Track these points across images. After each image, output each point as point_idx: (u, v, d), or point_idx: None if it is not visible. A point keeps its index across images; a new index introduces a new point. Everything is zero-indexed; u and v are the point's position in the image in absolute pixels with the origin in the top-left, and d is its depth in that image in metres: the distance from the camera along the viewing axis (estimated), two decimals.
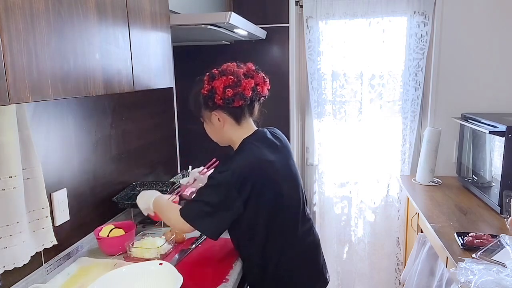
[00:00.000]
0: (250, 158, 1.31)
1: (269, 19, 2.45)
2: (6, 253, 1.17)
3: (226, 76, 1.31)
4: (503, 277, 1.27)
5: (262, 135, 1.42)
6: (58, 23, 0.89)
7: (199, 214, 1.30)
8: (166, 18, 1.47)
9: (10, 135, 1.15)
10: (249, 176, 1.27)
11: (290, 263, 1.41)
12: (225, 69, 1.35)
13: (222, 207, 1.28)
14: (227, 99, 1.30)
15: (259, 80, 1.36)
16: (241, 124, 1.39)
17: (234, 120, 1.38)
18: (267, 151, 1.36)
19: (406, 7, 2.38)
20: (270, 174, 1.32)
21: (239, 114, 1.37)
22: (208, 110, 1.38)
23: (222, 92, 1.29)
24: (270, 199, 1.33)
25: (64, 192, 1.49)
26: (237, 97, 1.30)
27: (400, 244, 2.65)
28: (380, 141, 2.59)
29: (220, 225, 1.31)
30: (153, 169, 2.26)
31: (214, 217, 1.28)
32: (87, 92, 1.00)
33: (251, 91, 1.32)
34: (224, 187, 1.26)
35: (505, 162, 1.86)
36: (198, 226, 1.30)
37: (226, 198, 1.27)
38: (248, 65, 1.40)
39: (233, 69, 1.34)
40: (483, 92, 2.43)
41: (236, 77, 1.31)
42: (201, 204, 1.30)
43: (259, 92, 1.35)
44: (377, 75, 2.51)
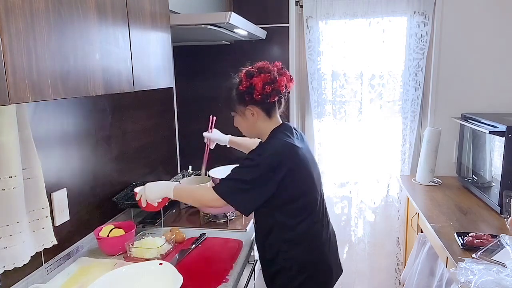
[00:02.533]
0: (283, 143, 1.41)
1: (269, 19, 2.45)
2: (6, 253, 1.17)
3: (264, 74, 1.42)
4: (503, 277, 1.27)
5: (289, 126, 1.53)
6: (58, 23, 0.89)
7: (233, 190, 1.38)
8: (166, 18, 1.47)
9: (10, 135, 1.15)
10: (283, 159, 1.36)
11: (321, 246, 1.49)
12: (262, 67, 1.46)
13: (256, 185, 1.36)
14: (265, 94, 1.40)
15: (287, 77, 1.46)
16: (271, 117, 1.49)
17: (266, 114, 1.48)
18: (294, 139, 1.46)
19: (406, 7, 2.38)
20: (302, 158, 1.42)
21: (271, 108, 1.48)
22: (243, 105, 1.47)
23: (261, 88, 1.40)
24: (304, 180, 1.43)
25: (64, 192, 1.49)
26: (274, 93, 1.41)
27: (400, 244, 2.65)
28: (380, 141, 2.59)
29: (253, 201, 1.39)
30: (153, 169, 2.25)
31: (247, 194, 1.37)
32: (87, 92, 1.00)
33: (284, 87, 1.44)
34: (260, 168, 1.35)
35: (505, 162, 1.86)
36: (232, 201, 1.38)
37: (261, 177, 1.35)
38: (276, 63, 1.50)
39: (269, 67, 1.46)
40: (483, 92, 2.43)
41: (272, 75, 1.42)
42: (236, 182, 1.38)
43: (288, 88, 1.48)
44: (377, 75, 2.51)
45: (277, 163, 1.35)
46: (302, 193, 1.43)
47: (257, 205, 1.40)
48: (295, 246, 1.45)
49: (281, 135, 1.45)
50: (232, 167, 2.49)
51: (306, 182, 1.44)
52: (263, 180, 1.36)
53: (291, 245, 1.45)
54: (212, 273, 1.41)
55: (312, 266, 1.47)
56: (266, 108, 1.46)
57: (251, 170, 1.37)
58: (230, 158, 2.63)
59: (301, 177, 1.42)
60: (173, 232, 1.65)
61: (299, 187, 1.42)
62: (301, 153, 1.42)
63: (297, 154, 1.40)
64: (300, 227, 1.44)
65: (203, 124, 2.64)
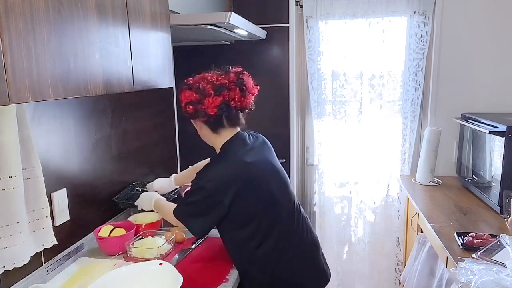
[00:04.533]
0: (230, 164, 1.35)
1: (269, 19, 2.45)
2: (6, 253, 1.17)
3: (191, 91, 1.32)
4: (503, 277, 1.27)
5: (241, 138, 1.43)
6: (58, 23, 0.89)
7: (186, 214, 1.38)
8: (166, 18, 1.47)
9: (10, 135, 1.15)
10: (230, 181, 1.31)
11: (289, 263, 1.42)
12: (195, 81, 1.35)
13: (205, 208, 1.34)
14: (188, 114, 1.36)
15: (234, 95, 1.33)
16: (218, 133, 1.41)
17: (210, 129, 1.40)
18: (246, 153, 1.38)
19: (406, 7, 2.38)
20: (253, 175, 1.35)
21: (214, 125, 1.38)
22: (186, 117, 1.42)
23: (184, 107, 1.35)
24: (259, 198, 1.36)
25: (64, 192, 1.49)
26: (199, 114, 1.33)
27: (400, 244, 2.65)
28: (380, 141, 2.59)
29: (204, 224, 1.36)
30: (153, 169, 2.25)
31: (198, 217, 1.35)
32: (87, 92, 1.00)
33: (216, 109, 1.31)
34: (206, 192, 1.31)
35: (505, 162, 1.86)
36: (186, 224, 1.38)
37: (208, 200, 1.32)
38: (231, 75, 1.35)
39: (203, 83, 1.32)
40: (483, 92, 2.43)
41: (200, 94, 1.31)
42: (187, 206, 1.39)
43: (234, 107, 1.35)
44: (377, 75, 2.51)
45: (223, 188, 1.30)
46: (257, 213, 1.36)
47: (210, 228, 1.37)
48: (259, 267, 1.40)
49: (229, 153, 1.38)
50: None
51: (261, 201, 1.36)
52: (211, 203, 1.32)
53: (254, 265, 1.40)
54: (212, 273, 1.41)
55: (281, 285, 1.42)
56: (208, 123, 1.38)
57: (198, 193, 1.33)
58: None
59: (254, 197, 1.34)
60: (173, 232, 1.65)
61: (253, 207, 1.35)
62: (253, 169, 1.35)
63: (247, 173, 1.33)
64: (261, 247, 1.37)
65: None
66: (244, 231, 1.38)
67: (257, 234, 1.38)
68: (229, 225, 1.39)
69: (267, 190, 1.38)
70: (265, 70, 2.52)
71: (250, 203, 1.35)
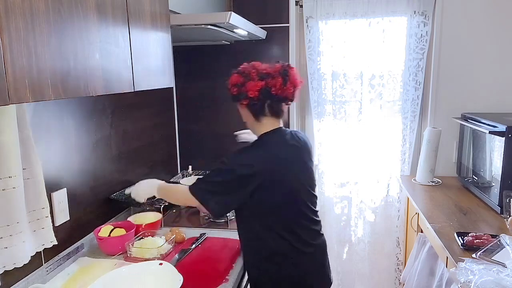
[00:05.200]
0: (263, 153, 1.37)
1: (269, 19, 2.45)
2: (6, 253, 1.17)
3: (238, 75, 1.40)
4: (503, 277, 1.27)
5: (282, 133, 1.45)
6: (58, 23, 0.89)
7: (205, 191, 1.36)
8: (166, 18, 1.47)
9: (10, 135, 1.15)
10: (258, 170, 1.32)
11: (301, 263, 1.42)
12: (244, 67, 1.43)
13: (227, 189, 1.34)
14: (234, 96, 1.42)
15: (276, 83, 1.37)
16: (260, 120, 1.43)
17: (252, 116, 1.43)
18: (282, 148, 1.40)
19: (406, 7, 2.38)
20: (281, 170, 1.37)
21: (255, 111, 1.42)
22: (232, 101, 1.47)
23: (230, 89, 1.42)
24: (282, 194, 1.37)
25: (64, 192, 1.49)
26: (242, 96, 1.38)
27: (400, 244, 2.65)
28: (380, 141, 2.59)
29: (223, 205, 1.36)
30: (153, 169, 2.25)
31: (217, 196, 1.34)
32: (87, 92, 1.00)
33: (257, 92, 1.36)
34: (233, 173, 1.32)
35: (505, 162, 1.86)
36: (203, 201, 1.36)
37: (232, 183, 1.33)
38: (277, 65, 1.43)
39: (249, 69, 1.41)
40: (483, 92, 2.43)
41: (245, 78, 1.38)
42: (208, 183, 1.37)
43: (274, 94, 1.38)
44: (377, 75, 2.51)
45: (249, 175, 1.31)
46: (278, 207, 1.37)
47: (227, 210, 1.39)
48: (271, 260, 1.40)
49: (266, 143, 1.41)
50: None
51: (284, 196, 1.37)
52: (235, 186, 1.33)
53: (267, 258, 1.41)
54: (212, 273, 1.41)
55: (288, 284, 1.41)
56: (251, 109, 1.42)
57: (224, 174, 1.35)
58: None
59: (278, 191, 1.35)
60: (173, 232, 1.65)
61: (275, 201, 1.36)
62: (283, 164, 1.37)
63: (276, 167, 1.35)
64: (276, 242, 1.39)
65: (203, 124, 2.65)
66: (261, 223, 1.39)
67: (274, 228, 1.38)
68: (247, 213, 1.40)
69: (292, 188, 1.39)
70: None
71: (273, 196, 1.35)
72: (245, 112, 1.45)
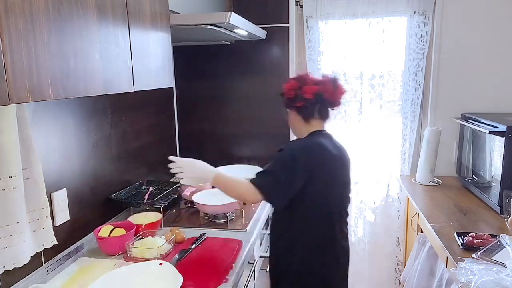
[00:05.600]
0: (315, 145, 1.48)
1: (269, 19, 2.45)
2: (6, 253, 1.17)
3: (294, 81, 1.56)
4: (503, 277, 1.27)
5: (329, 134, 1.59)
6: (58, 22, 0.89)
7: (270, 183, 1.41)
8: (166, 18, 1.47)
9: (10, 135, 1.15)
10: (309, 157, 1.43)
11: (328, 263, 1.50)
12: (299, 75, 1.59)
13: (290, 177, 1.40)
14: (289, 98, 1.55)
15: (328, 89, 1.51)
16: (309, 122, 1.56)
17: (302, 119, 1.56)
18: (330, 145, 1.51)
19: (406, 7, 2.38)
20: (328, 164, 1.47)
21: (306, 114, 1.55)
22: (285, 107, 1.62)
23: (286, 93, 1.55)
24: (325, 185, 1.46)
25: (64, 192, 1.49)
26: (298, 98, 1.52)
27: (400, 244, 2.65)
28: (380, 141, 2.59)
29: (283, 194, 1.42)
30: (153, 169, 2.25)
31: (279, 185, 1.40)
32: (87, 92, 1.00)
33: (312, 95, 1.49)
34: (292, 163, 1.40)
35: (505, 162, 1.86)
36: (269, 196, 1.42)
37: (292, 173, 1.40)
38: (328, 76, 1.57)
39: (305, 76, 1.57)
40: (483, 92, 2.43)
41: (301, 83, 1.53)
42: (272, 174, 1.42)
43: (326, 98, 1.51)
44: (377, 75, 2.51)
45: (303, 159, 1.41)
46: (322, 197, 1.45)
47: (287, 199, 1.43)
48: (300, 252, 1.47)
49: (317, 137, 1.52)
50: (230, 167, 2.51)
51: (328, 187, 1.46)
52: (291, 172, 1.40)
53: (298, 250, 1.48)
54: (212, 273, 1.41)
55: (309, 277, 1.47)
56: (301, 112, 1.55)
57: (285, 160, 1.43)
58: (231, 158, 2.64)
59: (324, 180, 1.44)
60: (173, 232, 1.65)
61: (320, 190, 1.44)
62: (330, 157, 1.47)
63: (324, 157, 1.45)
64: (314, 235, 1.47)
65: (203, 124, 2.65)
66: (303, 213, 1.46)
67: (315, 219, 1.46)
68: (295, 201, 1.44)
69: (334, 183, 1.49)
70: (265, 70, 2.52)
71: (317, 187, 1.43)
72: (295, 115, 1.57)
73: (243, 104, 2.59)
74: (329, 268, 1.50)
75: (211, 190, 2.07)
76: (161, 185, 2.04)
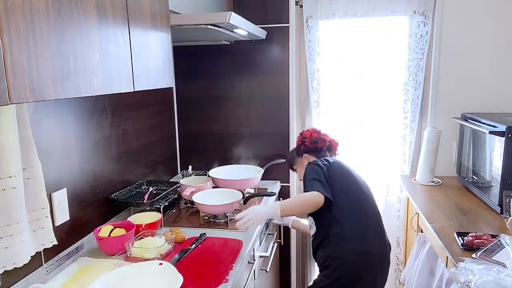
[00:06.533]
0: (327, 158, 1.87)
1: (269, 19, 2.45)
2: (6, 253, 1.17)
3: (312, 129, 2.01)
4: (503, 277, 1.27)
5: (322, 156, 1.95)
6: (58, 22, 0.89)
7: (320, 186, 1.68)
8: (166, 18, 1.47)
9: (10, 135, 1.15)
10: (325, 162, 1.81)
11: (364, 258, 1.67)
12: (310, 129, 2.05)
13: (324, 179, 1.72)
14: (313, 140, 1.94)
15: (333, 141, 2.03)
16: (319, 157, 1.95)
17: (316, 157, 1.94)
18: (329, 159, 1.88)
19: (406, 7, 2.38)
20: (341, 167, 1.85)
21: (320, 151, 1.96)
22: (300, 156, 2.00)
23: (309, 136, 1.96)
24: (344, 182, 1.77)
25: (64, 192, 1.49)
26: (320, 140, 1.95)
27: (400, 244, 2.65)
28: (380, 141, 2.59)
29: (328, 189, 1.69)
30: (153, 169, 2.26)
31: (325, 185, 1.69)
32: (87, 92, 1.00)
33: (328, 141, 1.98)
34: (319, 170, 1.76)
35: (505, 162, 1.86)
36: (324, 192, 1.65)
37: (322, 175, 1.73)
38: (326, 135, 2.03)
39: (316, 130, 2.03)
40: (483, 92, 2.43)
41: (317, 133, 1.99)
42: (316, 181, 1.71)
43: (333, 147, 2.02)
44: (377, 75, 2.51)
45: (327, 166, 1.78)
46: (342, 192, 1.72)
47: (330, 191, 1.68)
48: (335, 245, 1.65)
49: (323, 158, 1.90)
50: (230, 167, 2.51)
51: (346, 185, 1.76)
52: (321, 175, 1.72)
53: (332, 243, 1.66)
54: (212, 273, 1.41)
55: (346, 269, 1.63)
56: (317, 152, 1.95)
57: (312, 173, 1.75)
58: (230, 158, 2.64)
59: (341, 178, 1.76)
60: (173, 232, 1.65)
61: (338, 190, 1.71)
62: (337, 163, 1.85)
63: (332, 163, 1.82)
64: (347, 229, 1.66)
65: (203, 124, 2.65)
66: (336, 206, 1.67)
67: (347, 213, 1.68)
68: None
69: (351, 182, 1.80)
70: (265, 70, 2.52)
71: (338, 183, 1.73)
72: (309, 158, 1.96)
73: (243, 104, 2.59)
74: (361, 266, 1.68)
75: (211, 190, 2.08)
76: (161, 185, 2.04)
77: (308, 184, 1.73)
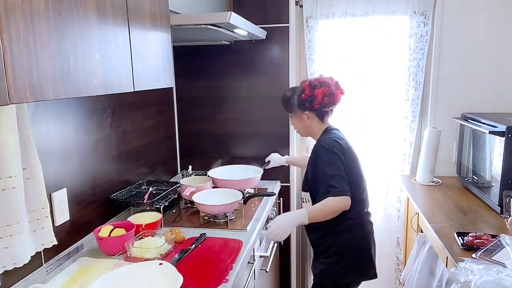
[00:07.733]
0: (341, 140, 1.76)
1: (269, 19, 2.45)
2: (6, 253, 1.17)
3: (324, 87, 1.75)
4: (503, 277, 1.27)
5: (338, 129, 1.87)
6: (58, 22, 0.89)
7: (343, 183, 1.64)
8: (166, 18, 1.47)
9: (10, 135, 1.15)
10: (341, 151, 1.70)
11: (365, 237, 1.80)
12: (323, 81, 1.77)
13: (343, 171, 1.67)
14: (323, 104, 1.76)
15: (341, 91, 1.81)
16: (324, 121, 1.85)
17: (319, 119, 1.83)
18: (345, 139, 1.80)
19: (406, 7, 2.38)
20: (348, 150, 1.76)
21: (325, 114, 1.84)
22: (302, 110, 1.83)
23: (321, 99, 1.75)
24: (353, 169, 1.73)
25: (64, 192, 1.49)
26: (330, 104, 1.78)
27: (400, 244, 2.65)
28: (380, 141, 2.59)
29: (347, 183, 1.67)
30: (153, 169, 2.26)
31: (345, 180, 1.66)
32: (87, 92, 1.00)
33: (339, 99, 1.79)
34: (336, 158, 1.68)
35: (505, 162, 1.86)
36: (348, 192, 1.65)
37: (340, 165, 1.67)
38: (332, 78, 1.82)
39: (329, 82, 1.77)
40: (483, 92, 2.43)
41: (331, 89, 1.75)
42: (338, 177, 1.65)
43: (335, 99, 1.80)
44: (377, 75, 2.50)
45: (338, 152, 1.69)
46: (352, 180, 1.69)
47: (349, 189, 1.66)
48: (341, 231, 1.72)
49: (335, 131, 1.82)
50: (230, 167, 2.51)
51: (355, 171, 1.73)
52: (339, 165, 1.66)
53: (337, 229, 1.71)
54: (212, 273, 1.41)
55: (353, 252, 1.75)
56: (321, 114, 1.82)
57: (330, 163, 1.67)
58: (230, 158, 2.64)
59: (350, 166, 1.71)
60: (173, 232, 1.65)
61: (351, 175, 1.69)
62: (349, 147, 1.77)
63: (346, 147, 1.75)
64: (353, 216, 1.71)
65: (203, 124, 2.65)
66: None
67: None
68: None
69: (356, 167, 1.77)
70: (265, 70, 2.52)
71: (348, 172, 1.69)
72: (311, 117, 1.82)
73: (243, 104, 2.59)
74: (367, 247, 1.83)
75: (211, 190, 2.08)
76: (161, 185, 2.04)
77: (330, 181, 1.64)
